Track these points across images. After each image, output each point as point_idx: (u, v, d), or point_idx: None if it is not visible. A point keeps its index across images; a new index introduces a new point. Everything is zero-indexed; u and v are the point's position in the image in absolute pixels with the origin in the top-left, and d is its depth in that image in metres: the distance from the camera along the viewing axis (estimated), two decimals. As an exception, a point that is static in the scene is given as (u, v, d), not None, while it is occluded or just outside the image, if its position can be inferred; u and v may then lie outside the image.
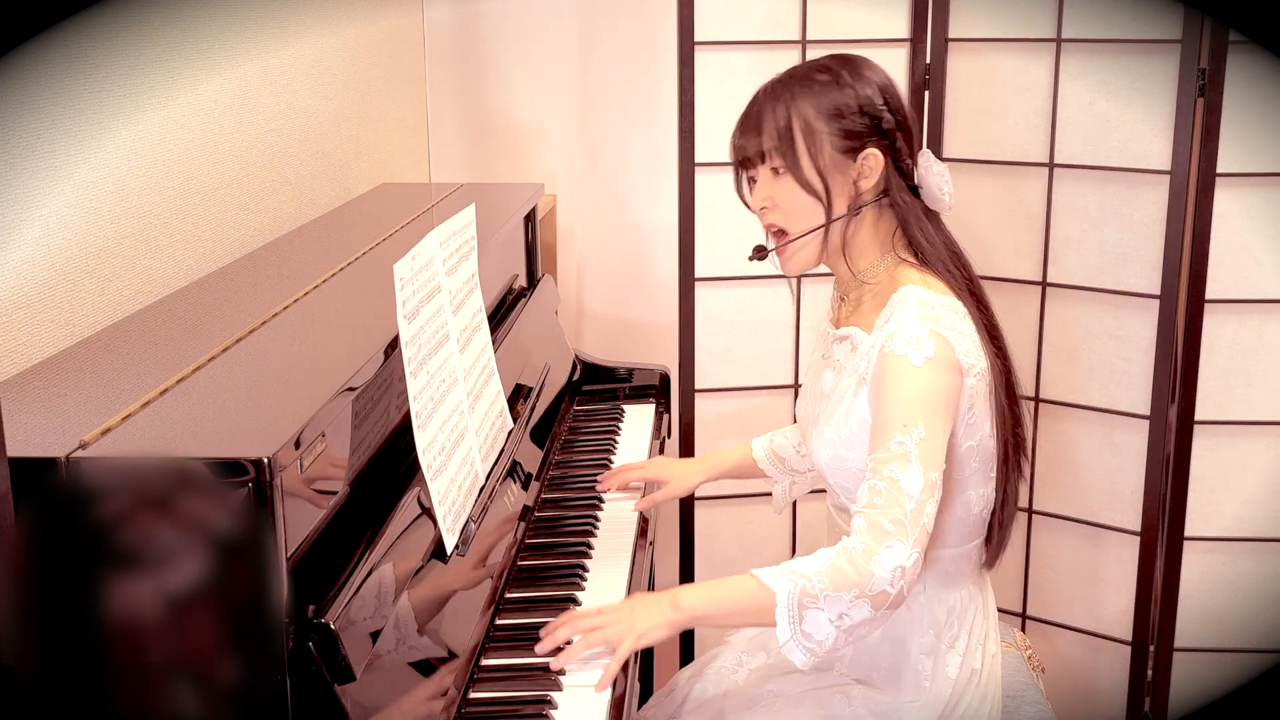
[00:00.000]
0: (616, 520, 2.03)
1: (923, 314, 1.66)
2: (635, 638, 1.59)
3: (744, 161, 1.77)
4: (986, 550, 1.82)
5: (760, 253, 1.80)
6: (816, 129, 1.70)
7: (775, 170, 1.73)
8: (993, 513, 1.79)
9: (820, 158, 1.71)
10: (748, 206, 1.81)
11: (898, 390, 1.62)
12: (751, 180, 1.78)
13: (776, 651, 1.61)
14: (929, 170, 1.75)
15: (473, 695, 1.51)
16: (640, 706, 1.94)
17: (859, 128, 1.71)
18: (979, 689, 1.77)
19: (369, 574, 1.35)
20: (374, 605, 1.35)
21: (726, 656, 1.92)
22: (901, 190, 1.74)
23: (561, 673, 1.56)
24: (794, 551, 2.74)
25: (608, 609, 1.65)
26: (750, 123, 1.75)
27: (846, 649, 1.75)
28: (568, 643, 1.60)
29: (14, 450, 1.12)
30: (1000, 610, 2.11)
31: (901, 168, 1.75)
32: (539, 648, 1.60)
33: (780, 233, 1.76)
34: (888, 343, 1.64)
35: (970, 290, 1.75)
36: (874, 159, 1.71)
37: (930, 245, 1.75)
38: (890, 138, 1.72)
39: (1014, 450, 1.77)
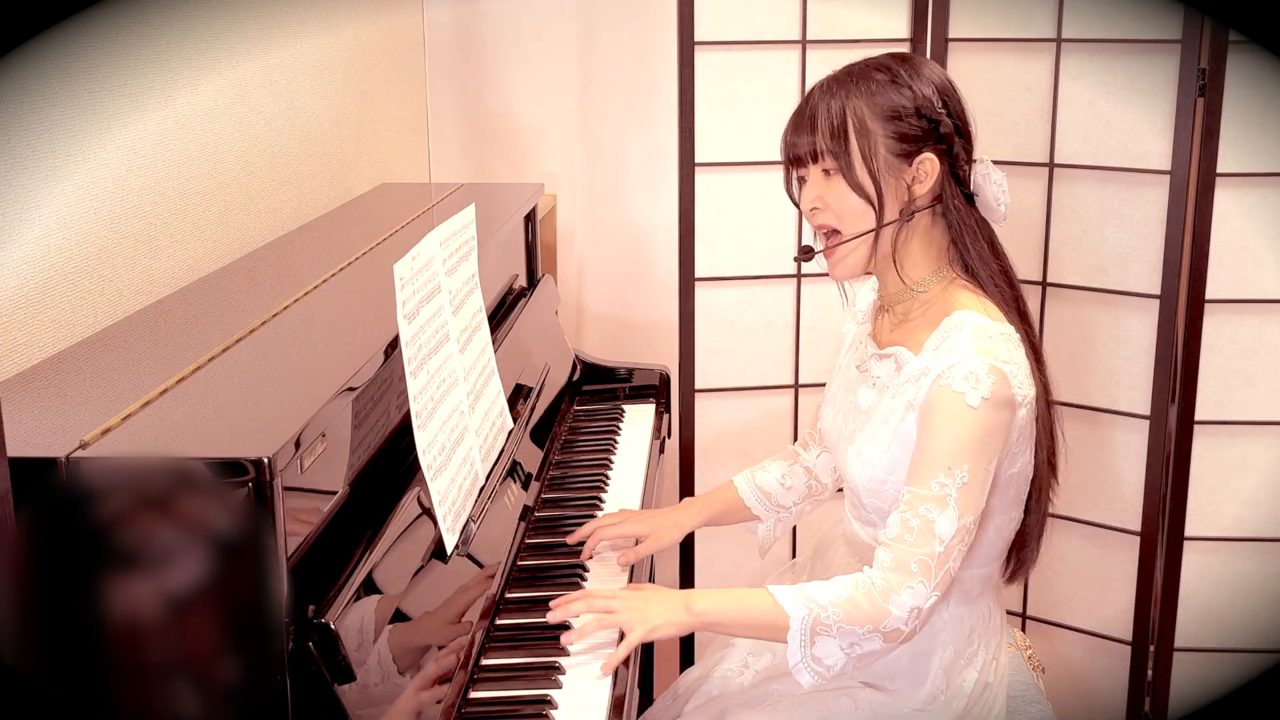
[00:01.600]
0: (616, 520, 2.03)
1: (981, 346, 1.60)
2: (646, 629, 1.59)
3: (795, 160, 1.71)
4: (1010, 565, 1.80)
5: (807, 254, 1.75)
6: (871, 129, 1.64)
7: (827, 171, 1.68)
8: (1021, 529, 1.76)
9: (874, 159, 1.65)
10: (796, 205, 1.76)
11: (949, 429, 1.58)
12: (801, 180, 1.72)
13: (782, 652, 1.61)
14: (986, 178, 1.69)
15: (473, 695, 1.51)
16: (642, 712, 1.93)
17: (916, 130, 1.65)
18: (988, 699, 1.77)
19: (369, 574, 1.35)
20: (374, 605, 1.35)
21: (732, 659, 1.91)
22: (955, 198, 1.69)
23: (562, 671, 1.56)
24: (794, 553, 2.74)
25: (622, 593, 1.65)
26: (804, 120, 1.68)
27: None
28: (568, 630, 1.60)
29: (14, 450, 1.12)
30: (1000, 610, 2.11)
31: (958, 174, 1.69)
32: (550, 615, 1.62)
33: (831, 234, 1.71)
34: (945, 374, 1.59)
35: (1018, 309, 1.71)
36: (930, 163, 1.66)
37: (980, 260, 1.69)
38: (948, 142, 1.67)
39: (1049, 468, 1.75)
